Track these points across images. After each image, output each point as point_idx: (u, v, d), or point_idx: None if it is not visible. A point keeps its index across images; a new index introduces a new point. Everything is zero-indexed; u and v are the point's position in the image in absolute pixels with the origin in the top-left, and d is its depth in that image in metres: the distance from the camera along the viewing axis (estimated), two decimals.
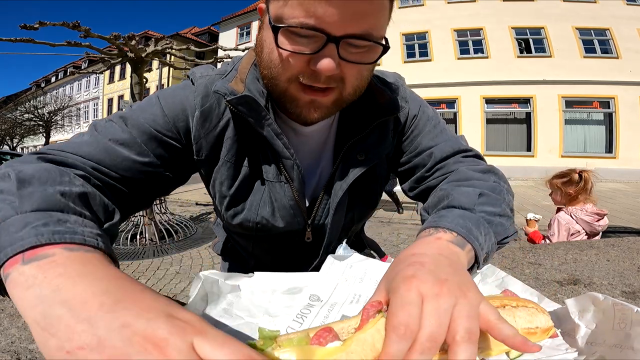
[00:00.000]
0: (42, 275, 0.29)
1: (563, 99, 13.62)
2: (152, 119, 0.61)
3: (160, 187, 0.65)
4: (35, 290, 0.28)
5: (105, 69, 7.33)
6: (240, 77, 0.64)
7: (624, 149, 13.04)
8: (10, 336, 0.48)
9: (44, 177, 0.42)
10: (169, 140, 0.62)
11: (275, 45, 0.54)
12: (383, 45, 0.54)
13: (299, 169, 0.65)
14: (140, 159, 0.59)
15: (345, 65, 0.54)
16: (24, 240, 0.32)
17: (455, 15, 14.94)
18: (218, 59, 7.51)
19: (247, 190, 0.69)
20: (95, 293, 0.28)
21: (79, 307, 0.26)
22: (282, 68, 0.56)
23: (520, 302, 0.44)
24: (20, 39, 5.45)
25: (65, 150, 0.55)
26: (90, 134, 0.59)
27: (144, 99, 0.66)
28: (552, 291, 0.64)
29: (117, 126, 0.59)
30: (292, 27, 0.51)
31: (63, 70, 36.92)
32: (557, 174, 2.43)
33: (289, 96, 0.58)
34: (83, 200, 0.43)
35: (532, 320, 0.42)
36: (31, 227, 0.33)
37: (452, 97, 14.68)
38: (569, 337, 0.43)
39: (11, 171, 0.41)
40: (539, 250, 0.91)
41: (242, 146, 0.66)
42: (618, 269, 0.76)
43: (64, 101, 29.53)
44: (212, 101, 0.64)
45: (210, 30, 28.54)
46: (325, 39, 0.50)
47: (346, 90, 0.58)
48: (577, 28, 13.80)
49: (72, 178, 0.46)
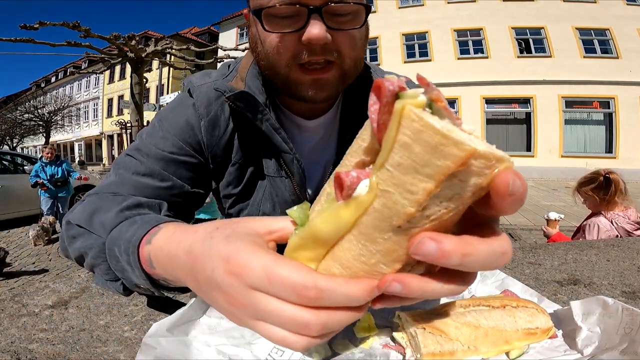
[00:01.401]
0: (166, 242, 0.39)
1: (563, 99, 13.61)
2: (162, 143, 0.62)
3: (195, 203, 0.68)
4: (166, 248, 0.38)
5: (105, 69, 7.33)
6: (240, 76, 0.66)
7: (624, 149, 13.03)
8: (10, 336, 0.48)
9: (100, 205, 0.51)
10: (185, 158, 0.63)
11: (264, 31, 0.55)
12: (364, 4, 0.56)
13: (299, 163, 0.66)
14: (164, 184, 0.61)
15: (337, 35, 0.55)
16: (136, 232, 0.42)
17: (455, 15, 14.94)
18: (218, 59, 7.50)
19: (251, 188, 0.70)
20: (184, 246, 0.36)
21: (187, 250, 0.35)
22: (277, 54, 0.56)
23: (520, 303, 0.44)
24: (20, 39, 5.44)
25: (98, 192, 0.59)
26: (115, 173, 0.62)
27: (149, 125, 0.67)
28: (552, 291, 0.64)
29: (135, 160, 0.62)
30: (272, 8, 0.53)
31: (63, 70, 36.91)
32: (583, 180, 2.26)
33: (291, 82, 0.59)
34: (139, 206, 0.52)
35: (532, 321, 0.42)
36: (137, 225, 0.43)
37: (452, 97, 14.66)
38: (569, 338, 0.42)
39: (71, 217, 0.52)
40: (539, 250, 0.91)
41: (246, 145, 0.67)
42: (618, 269, 0.76)
43: (64, 101, 29.51)
44: (216, 108, 0.65)
45: (210, 30, 28.53)
46: (307, 11, 0.52)
47: (345, 62, 0.58)
48: (577, 28, 13.80)
49: (124, 197, 0.55)
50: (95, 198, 0.55)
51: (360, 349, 0.42)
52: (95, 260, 0.47)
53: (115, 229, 0.45)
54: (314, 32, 0.52)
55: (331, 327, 0.28)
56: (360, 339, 0.43)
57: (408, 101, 0.22)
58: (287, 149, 0.64)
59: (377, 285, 0.27)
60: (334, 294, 0.27)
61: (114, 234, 0.45)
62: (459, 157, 0.21)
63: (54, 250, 4.98)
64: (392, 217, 0.24)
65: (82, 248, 0.48)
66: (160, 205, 0.56)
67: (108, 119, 29.13)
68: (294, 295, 0.28)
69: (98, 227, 0.47)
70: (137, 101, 6.96)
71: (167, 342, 0.37)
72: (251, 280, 0.29)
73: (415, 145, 0.22)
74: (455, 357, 0.38)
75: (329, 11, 0.54)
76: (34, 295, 0.61)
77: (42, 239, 5.17)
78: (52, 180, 5.55)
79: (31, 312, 0.55)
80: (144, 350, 0.36)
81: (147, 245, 0.40)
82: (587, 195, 2.22)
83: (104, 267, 0.46)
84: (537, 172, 13.42)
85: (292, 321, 0.28)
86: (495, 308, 0.43)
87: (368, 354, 0.41)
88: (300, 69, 0.57)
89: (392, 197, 0.23)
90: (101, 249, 0.45)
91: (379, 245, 0.26)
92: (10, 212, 6.29)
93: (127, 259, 0.41)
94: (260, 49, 0.59)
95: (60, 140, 34.89)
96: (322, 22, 0.53)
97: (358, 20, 0.57)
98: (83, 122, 33.42)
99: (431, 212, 0.23)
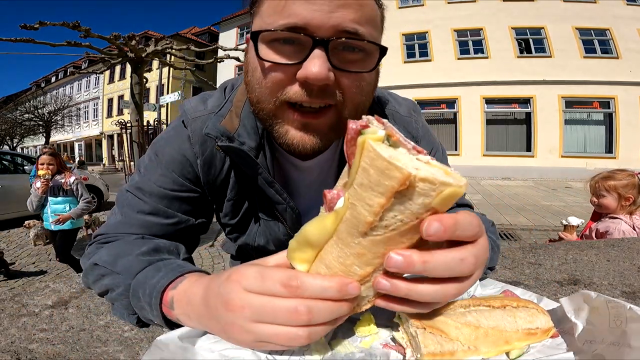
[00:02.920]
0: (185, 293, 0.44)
1: (563, 99, 13.61)
2: (163, 181, 0.62)
3: (201, 231, 0.69)
4: (189, 291, 0.44)
5: (105, 69, 7.33)
6: (235, 110, 0.60)
7: (624, 149, 13.03)
8: (10, 336, 0.48)
9: (123, 249, 0.55)
10: (186, 194, 0.63)
11: (257, 58, 0.47)
12: (380, 45, 0.48)
13: (294, 210, 0.64)
14: (170, 221, 0.62)
15: (341, 76, 0.47)
16: (161, 280, 0.47)
17: (455, 15, 14.93)
18: (218, 59, 7.50)
19: (246, 222, 0.70)
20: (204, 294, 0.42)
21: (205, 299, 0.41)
22: (266, 86, 0.49)
23: (521, 303, 0.44)
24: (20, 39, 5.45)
25: (109, 233, 0.60)
26: (120, 212, 0.63)
27: (146, 158, 0.65)
28: (552, 291, 0.64)
29: (137, 199, 0.62)
30: (272, 32, 0.45)
31: (63, 70, 36.90)
32: (607, 174, 2.03)
33: (276, 121, 0.51)
34: (158, 250, 0.56)
35: (533, 321, 0.42)
36: (162, 273, 0.48)
37: (452, 97, 14.66)
38: (568, 335, 0.43)
39: (97, 260, 0.55)
40: (539, 250, 0.91)
41: (241, 183, 0.65)
42: (618, 269, 0.76)
43: (64, 101, 29.52)
44: (211, 147, 0.61)
45: (211, 30, 28.53)
46: (311, 42, 0.44)
47: (346, 108, 0.50)
48: (577, 28, 13.79)
49: (142, 240, 0.58)
50: (116, 242, 0.58)
51: (361, 348, 0.42)
52: (119, 296, 0.51)
53: (140, 274, 0.50)
54: (313, 71, 0.44)
55: (317, 313, 0.33)
56: (360, 339, 0.43)
57: (368, 136, 0.29)
58: (280, 200, 0.62)
59: (350, 281, 0.33)
60: (312, 285, 0.33)
61: (140, 278, 0.49)
62: (400, 179, 0.27)
63: (54, 250, 4.98)
64: (358, 224, 0.31)
65: (108, 285, 0.53)
66: (178, 249, 0.60)
67: (108, 119, 29.12)
68: (282, 287, 0.34)
69: (123, 270, 0.51)
70: (137, 101, 6.96)
71: (174, 347, 0.38)
72: (247, 282, 0.35)
73: (370, 169, 0.28)
74: (455, 357, 0.38)
75: (338, 46, 0.46)
76: (34, 295, 0.61)
77: (42, 239, 5.17)
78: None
79: (31, 312, 0.55)
80: (152, 351, 0.37)
81: (172, 290, 0.46)
82: (611, 191, 1.98)
83: (125, 303, 0.51)
84: (537, 172, 13.42)
85: (283, 309, 0.33)
86: (496, 308, 0.43)
87: (368, 354, 0.41)
88: (289, 109, 0.49)
89: (357, 209, 0.30)
90: (126, 288, 0.50)
91: (352, 248, 0.32)
92: (10, 212, 6.29)
93: (149, 300, 0.46)
94: (250, 77, 0.52)
95: (61, 140, 34.90)
96: (327, 57, 0.44)
97: (369, 62, 0.48)
98: (83, 122, 33.42)
99: (388, 222, 0.30)
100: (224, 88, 0.67)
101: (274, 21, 0.45)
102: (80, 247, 4.99)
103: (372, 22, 0.48)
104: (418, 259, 0.30)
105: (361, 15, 0.46)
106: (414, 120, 0.71)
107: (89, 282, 0.57)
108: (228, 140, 0.57)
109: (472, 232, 0.33)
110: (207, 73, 18.73)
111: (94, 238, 0.63)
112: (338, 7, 0.44)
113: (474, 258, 0.33)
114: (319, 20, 0.44)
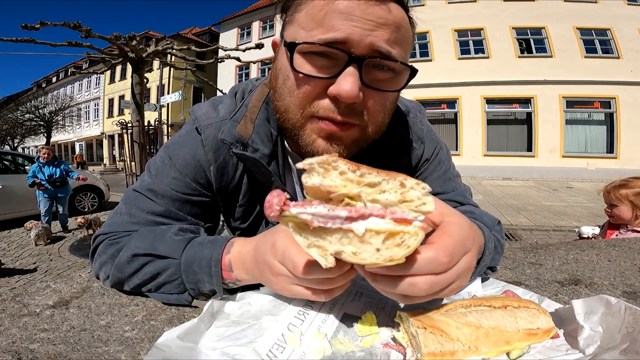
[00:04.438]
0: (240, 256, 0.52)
1: (564, 99, 13.60)
2: (176, 184, 0.62)
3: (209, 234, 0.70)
4: (243, 251, 0.51)
5: (106, 69, 7.34)
6: (250, 116, 0.62)
7: (625, 149, 13.01)
8: (11, 336, 0.48)
9: (153, 236, 0.57)
10: (198, 198, 0.64)
11: (290, 69, 0.49)
12: (411, 67, 0.50)
13: None
14: (179, 223, 0.63)
15: (369, 94, 0.49)
16: (215, 249, 0.52)
17: (455, 15, 14.92)
18: (219, 59, 7.51)
19: (257, 225, 0.71)
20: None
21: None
22: (297, 97, 0.50)
23: (521, 303, 0.44)
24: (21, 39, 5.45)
25: (118, 231, 0.60)
26: (127, 213, 0.62)
27: (158, 160, 0.66)
28: (553, 291, 0.64)
29: (149, 200, 0.62)
30: (309, 44, 0.46)
31: (64, 70, 36.94)
32: (620, 183, 1.90)
33: (303, 132, 0.53)
34: (184, 230, 0.59)
35: (534, 321, 0.42)
36: (211, 245, 0.53)
37: (452, 97, 14.66)
38: (571, 337, 0.42)
39: (135, 251, 0.56)
40: (540, 250, 0.91)
41: (253, 189, 0.67)
42: (619, 269, 0.76)
43: (64, 101, 29.56)
44: (224, 153, 0.63)
45: (211, 30, 28.55)
46: (347, 58, 0.45)
47: (369, 127, 0.52)
48: (578, 28, 13.78)
49: (162, 227, 0.59)
50: (137, 234, 0.59)
51: (361, 347, 0.42)
52: (169, 278, 0.54)
53: (185, 252, 0.53)
54: (345, 88, 0.45)
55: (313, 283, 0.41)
56: (361, 338, 0.43)
57: (286, 218, 0.35)
58: None
59: (308, 260, 0.39)
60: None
61: (188, 254, 0.53)
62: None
63: (55, 250, 4.99)
64: None
65: (155, 270, 0.54)
66: (198, 229, 0.62)
67: (109, 119, 29.15)
68: (292, 267, 0.41)
69: (167, 252, 0.54)
70: (138, 101, 6.97)
71: (176, 347, 0.39)
72: (278, 257, 0.43)
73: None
74: (455, 357, 0.38)
75: (372, 64, 0.47)
76: (34, 295, 0.61)
77: (43, 238, 5.18)
78: (51, 180, 5.55)
79: (32, 312, 0.55)
80: (154, 353, 0.37)
81: (227, 255, 0.52)
82: (624, 200, 1.84)
83: (176, 283, 0.53)
84: (537, 172, 13.40)
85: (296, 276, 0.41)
86: (497, 308, 0.43)
87: (369, 353, 0.41)
88: (316, 121, 0.51)
89: None
90: (177, 268, 0.53)
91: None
92: (11, 212, 6.30)
93: (208, 270, 0.51)
94: (280, 85, 0.53)
95: (61, 140, 34.93)
96: (359, 76, 0.46)
97: (398, 82, 0.50)
98: (84, 122, 33.46)
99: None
100: (234, 93, 0.68)
101: (313, 33, 0.46)
102: (81, 247, 4.99)
103: (405, 43, 0.50)
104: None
105: (397, 36, 0.48)
106: (419, 122, 0.74)
107: (125, 275, 0.56)
108: (242, 146, 0.60)
109: (438, 270, 0.37)
110: (208, 73, 18.74)
111: (96, 237, 0.63)
112: (377, 27, 0.45)
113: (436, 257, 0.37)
114: (358, 37, 0.45)
